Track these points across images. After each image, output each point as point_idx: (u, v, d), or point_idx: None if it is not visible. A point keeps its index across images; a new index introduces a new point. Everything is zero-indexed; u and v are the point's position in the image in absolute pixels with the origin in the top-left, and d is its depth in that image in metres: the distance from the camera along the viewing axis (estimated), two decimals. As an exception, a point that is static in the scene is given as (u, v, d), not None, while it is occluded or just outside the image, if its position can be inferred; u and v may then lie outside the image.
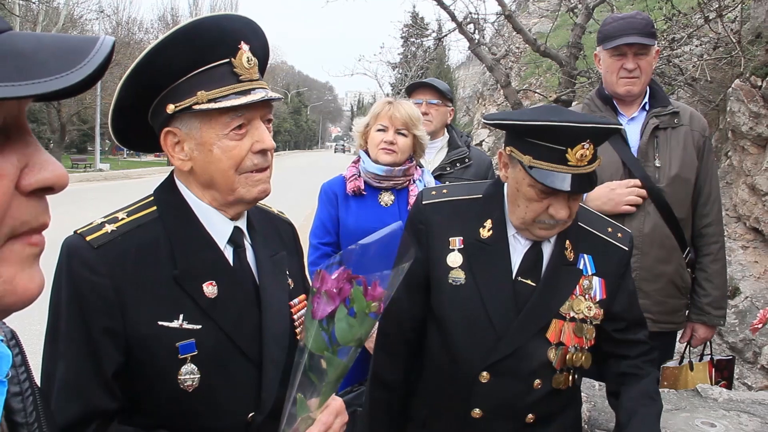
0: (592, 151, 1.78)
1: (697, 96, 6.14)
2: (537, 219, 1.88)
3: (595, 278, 1.98)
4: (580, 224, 2.02)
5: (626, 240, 2.05)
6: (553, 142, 1.76)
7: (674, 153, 3.07)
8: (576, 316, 1.94)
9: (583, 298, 1.96)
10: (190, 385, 1.45)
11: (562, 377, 1.96)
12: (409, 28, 25.48)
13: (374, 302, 1.45)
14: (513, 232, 1.99)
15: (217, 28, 1.46)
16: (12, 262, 0.66)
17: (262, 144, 1.50)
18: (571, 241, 1.98)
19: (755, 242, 5.26)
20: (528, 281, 1.95)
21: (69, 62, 0.62)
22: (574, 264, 1.97)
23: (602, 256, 2.00)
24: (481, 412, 1.96)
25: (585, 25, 7.49)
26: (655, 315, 3.05)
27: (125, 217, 1.51)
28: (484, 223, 1.99)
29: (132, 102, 1.50)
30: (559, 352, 1.93)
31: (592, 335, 1.97)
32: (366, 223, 3.10)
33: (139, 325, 1.42)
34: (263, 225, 1.72)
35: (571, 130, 1.75)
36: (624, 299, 2.03)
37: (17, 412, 0.78)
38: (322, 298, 1.43)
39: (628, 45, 3.04)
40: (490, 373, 1.94)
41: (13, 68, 0.60)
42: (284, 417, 1.47)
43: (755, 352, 4.75)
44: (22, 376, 0.81)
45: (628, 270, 2.06)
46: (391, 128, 3.14)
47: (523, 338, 1.92)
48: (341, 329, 1.43)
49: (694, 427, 2.41)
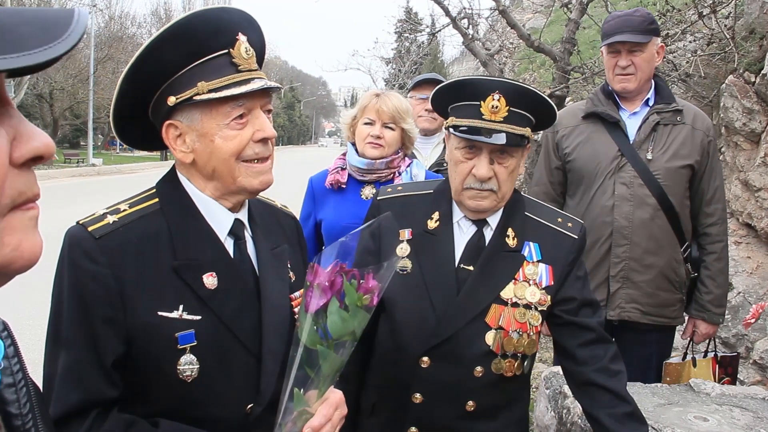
0: (504, 105, 1.89)
1: (691, 92, 6.15)
2: (465, 184, 1.98)
3: (541, 264, 2.03)
4: (527, 214, 2.09)
5: (576, 229, 2.10)
6: (468, 99, 1.93)
7: (670, 148, 3.10)
8: (519, 302, 1.99)
9: (527, 284, 2.00)
10: (189, 375, 1.46)
11: (505, 363, 1.98)
12: (403, 23, 25.40)
13: (366, 295, 1.45)
14: (458, 218, 2.08)
15: (214, 20, 1.49)
16: (17, 230, 0.69)
17: (263, 132, 1.52)
18: (514, 229, 2.05)
19: (748, 238, 5.28)
20: (469, 267, 2.02)
21: (51, 35, 0.64)
22: (518, 251, 2.03)
23: (550, 244, 2.06)
24: (421, 397, 2.01)
25: (579, 21, 7.48)
26: (644, 306, 3.09)
27: (127, 209, 1.53)
28: (432, 215, 2.09)
29: (133, 98, 1.51)
30: (498, 336, 1.96)
31: (537, 321, 2.00)
32: (342, 217, 3.06)
33: (139, 315, 1.44)
34: (265, 218, 1.74)
35: (480, 82, 1.93)
36: (574, 283, 2.06)
37: (11, 403, 0.78)
38: (315, 291, 1.44)
39: (621, 42, 3.09)
40: (431, 358, 1.99)
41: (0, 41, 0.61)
42: (280, 410, 1.48)
43: (747, 347, 4.77)
44: (15, 367, 0.81)
45: (578, 257, 2.09)
46: (378, 122, 3.07)
47: (461, 322, 1.97)
48: (334, 323, 1.44)
49: (686, 422, 2.42)
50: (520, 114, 1.92)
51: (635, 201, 3.06)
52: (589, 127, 3.22)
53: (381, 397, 2.13)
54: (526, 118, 1.94)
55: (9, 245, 0.68)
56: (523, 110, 1.93)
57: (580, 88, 7.85)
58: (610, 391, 1.97)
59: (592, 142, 3.18)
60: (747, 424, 2.43)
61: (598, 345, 2.03)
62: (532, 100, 1.94)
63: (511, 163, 1.97)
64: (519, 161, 2.00)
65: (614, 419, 1.94)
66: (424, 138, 3.84)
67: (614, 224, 3.08)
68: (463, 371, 1.98)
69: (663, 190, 3.06)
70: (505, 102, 1.89)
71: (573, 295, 2.04)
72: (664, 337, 3.28)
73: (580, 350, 2.03)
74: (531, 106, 1.95)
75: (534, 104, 1.95)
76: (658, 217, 3.07)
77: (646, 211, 3.06)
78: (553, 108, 2.00)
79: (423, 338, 1.99)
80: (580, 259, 2.11)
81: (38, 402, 0.86)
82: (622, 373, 2.03)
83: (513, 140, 1.91)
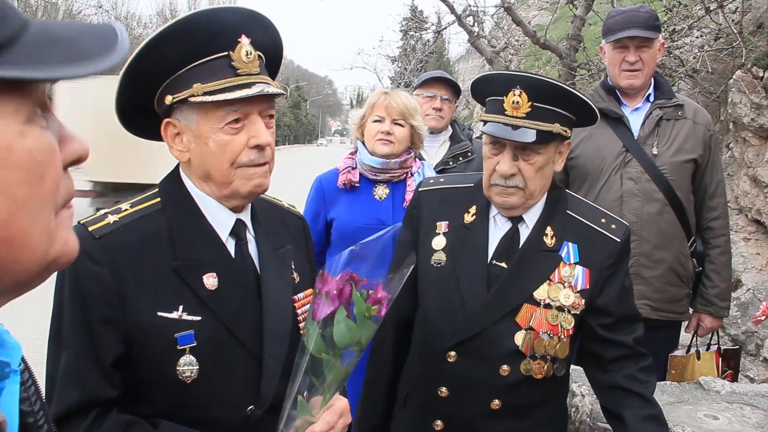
0: (525, 101, 1.86)
1: (698, 88, 6.11)
2: (492, 180, 1.96)
3: (578, 267, 1.96)
4: (568, 212, 2.03)
5: (620, 232, 2.02)
6: (494, 93, 1.92)
7: (674, 142, 3.10)
8: (552, 303, 1.94)
9: (562, 286, 1.95)
10: (189, 376, 1.45)
11: (534, 364, 1.94)
12: (408, 21, 25.37)
13: (375, 306, 1.43)
14: (494, 213, 2.04)
15: (215, 21, 1.47)
16: (65, 227, 0.74)
17: (257, 140, 1.49)
18: (553, 228, 1.99)
19: (757, 234, 5.25)
20: (501, 264, 1.98)
21: (106, 45, 0.71)
22: (556, 251, 1.97)
23: (590, 246, 1.99)
24: (447, 391, 2.00)
25: (585, 17, 7.46)
26: (654, 302, 3.09)
27: (128, 208, 1.53)
28: (469, 209, 2.07)
29: (134, 93, 1.51)
30: (528, 337, 1.92)
31: (569, 324, 1.94)
32: (357, 217, 3.06)
33: (139, 315, 1.43)
34: (270, 218, 1.72)
35: (500, 77, 1.95)
36: (613, 292, 1.98)
37: (23, 401, 0.80)
38: (323, 299, 1.42)
39: (630, 38, 3.08)
40: (458, 353, 1.97)
41: (69, 51, 0.68)
42: (283, 417, 1.46)
43: (757, 344, 4.74)
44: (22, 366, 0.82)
45: (621, 262, 2.02)
46: (387, 118, 3.08)
47: (490, 319, 1.94)
48: (339, 331, 1.42)
49: (696, 420, 2.40)
50: (546, 109, 1.87)
51: (643, 196, 3.05)
52: None
53: (412, 389, 2.13)
54: (555, 113, 1.88)
55: (60, 241, 0.73)
56: (548, 105, 1.88)
57: (587, 85, 7.82)
58: (637, 394, 1.94)
59: (596, 138, 3.16)
60: (758, 422, 2.41)
61: (631, 359, 1.98)
62: (556, 94, 1.88)
63: (538, 160, 1.91)
64: (551, 158, 1.95)
65: (637, 418, 1.90)
66: (430, 136, 3.83)
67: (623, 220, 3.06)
68: (489, 369, 1.95)
69: (670, 184, 3.05)
70: (527, 97, 1.85)
71: (610, 308, 1.97)
72: (671, 332, 3.28)
73: (611, 364, 1.99)
74: (557, 100, 1.89)
75: (561, 98, 1.89)
76: (666, 212, 3.06)
77: (654, 206, 3.05)
78: (586, 101, 1.94)
79: (451, 333, 1.97)
80: (625, 267, 2.04)
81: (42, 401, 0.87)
82: (650, 383, 1.98)
83: (537, 137, 1.86)
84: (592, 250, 1.98)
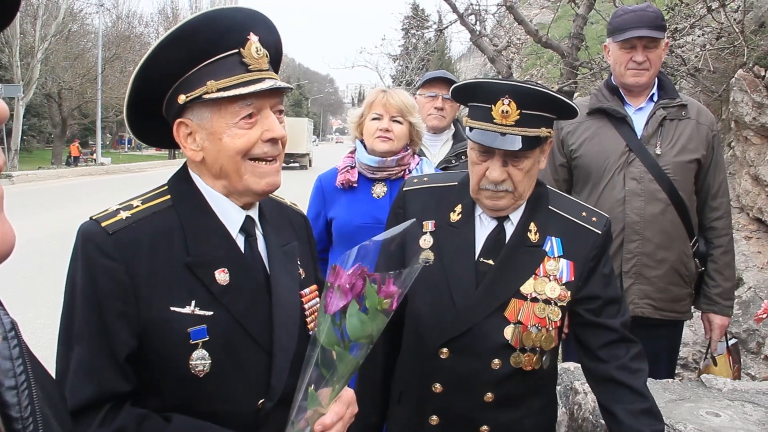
0: (515, 109, 1.86)
1: (700, 86, 6.11)
2: (480, 185, 1.98)
3: (562, 260, 2.02)
4: (550, 208, 2.08)
5: (601, 224, 2.07)
6: (481, 101, 1.92)
7: (678, 142, 3.11)
8: (538, 297, 1.98)
9: (547, 279, 2.00)
10: (201, 370, 1.47)
11: (523, 357, 1.99)
12: (410, 20, 25.37)
13: (386, 299, 1.45)
14: (479, 212, 2.08)
15: (226, 19, 1.50)
16: None
17: (272, 133, 1.53)
18: (536, 224, 2.04)
19: (758, 233, 5.26)
20: (489, 261, 2.02)
21: None
22: (540, 246, 2.02)
23: (573, 239, 2.04)
24: (441, 387, 2.04)
25: (587, 16, 7.45)
26: (656, 302, 3.10)
27: (140, 205, 1.54)
28: (455, 208, 2.10)
29: (144, 96, 1.54)
30: (516, 330, 1.96)
31: (556, 317, 1.99)
32: (355, 217, 3.07)
33: (152, 310, 1.45)
34: (275, 215, 1.75)
35: (489, 86, 1.91)
36: (598, 281, 2.04)
37: (11, 406, 0.77)
38: (335, 292, 1.44)
39: (638, 38, 3.08)
40: (449, 350, 2.01)
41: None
42: (294, 409, 1.48)
43: (759, 342, 4.75)
44: (18, 369, 0.79)
45: (603, 253, 2.07)
46: (386, 116, 3.10)
47: (479, 315, 1.98)
48: (353, 325, 1.45)
49: (698, 417, 2.41)
50: (534, 115, 1.90)
51: (646, 196, 3.06)
52: (595, 123, 3.21)
53: (406, 386, 2.16)
54: (541, 118, 1.92)
55: None
56: (536, 111, 1.90)
57: (589, 84, 7.82)
58: (629, 387, 1.97)
59: (599, 137, 3.17)
60: (759, 420, 2.42)
61: (620, 344, 2.02)
62: (544, 101, 1.91)
63: (526, 164, 1.95)
64: (537, 159, 1.99)
65: (630, 414, 1.93)
66: (433, 135, 3.84)
67: (626, 220, 3.07)
68: (480, 364, 1.99)
69: (673, 184, 3.06)
70: (515, 106, 1.87)
71: (596, 294, 2.03)
72: (673, 332, 3.29)
73: (602, 350, 2.03)
74: (545, 106, 1.92)
75: (548, 104, 1.93)
76: (669, 211, 3.07)
77: (657, 205, 3.06)
78: (570, 104, 1.97)
79: (442, 330, 2.01)
80: (606, 255, 2.09)
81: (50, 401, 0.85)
82: (642, 371, 2.02)
83: (526, 144, 1.89)
84: (575, 243, 2.04)
